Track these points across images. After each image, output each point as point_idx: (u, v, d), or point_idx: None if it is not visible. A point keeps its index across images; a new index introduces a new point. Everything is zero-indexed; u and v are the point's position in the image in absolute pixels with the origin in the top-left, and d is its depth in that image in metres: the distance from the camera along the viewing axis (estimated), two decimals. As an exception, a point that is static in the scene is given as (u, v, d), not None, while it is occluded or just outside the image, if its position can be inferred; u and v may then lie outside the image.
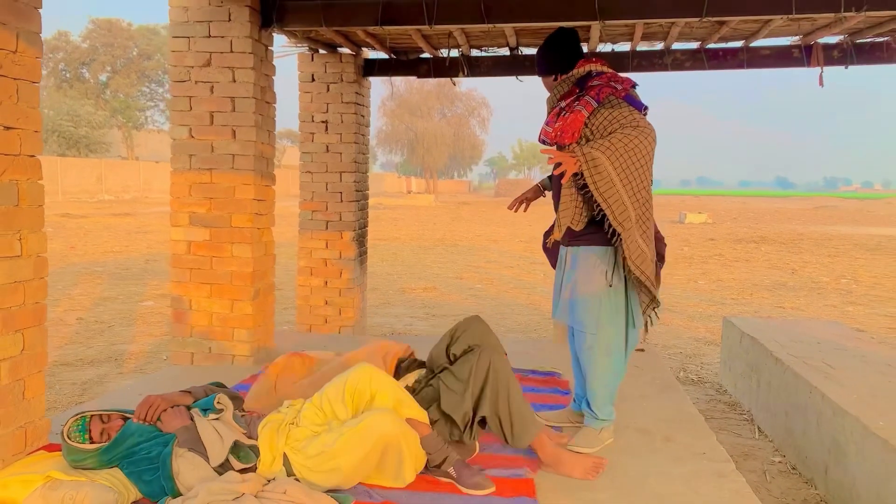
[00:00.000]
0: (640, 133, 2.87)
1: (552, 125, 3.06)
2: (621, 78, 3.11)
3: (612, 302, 3.03)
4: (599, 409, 3.08)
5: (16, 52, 2.44)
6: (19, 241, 2.48)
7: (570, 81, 3.15)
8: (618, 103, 2.97)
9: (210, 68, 4.22)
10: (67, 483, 2.35)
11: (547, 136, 3.09)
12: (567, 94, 3.12)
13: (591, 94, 2.99)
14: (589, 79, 3.10)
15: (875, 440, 3.29)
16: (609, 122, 2.94)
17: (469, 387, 2.70)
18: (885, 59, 5.56)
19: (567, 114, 3.01)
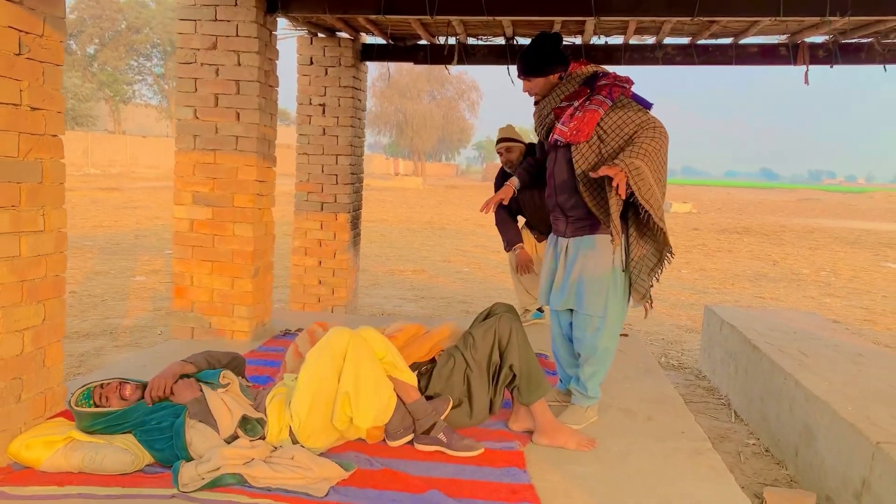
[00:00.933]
0: (661, 135, 3.04)
1: (567, 125, 3.13)
2: (623, 77, 3.23)
3: (618, 286, 3.20)
4: (592, 388, 3.26)
5: (42, 36, 2.56)
6: (42, 216, 2.62)
7: (576, 82, 3.23)
8: (628, 103, 3.12)
9: (216, 51, 4.33)
10: (87, 444, 2.51)
11: (562, 135, 3.15)
12: (575, 94, 3.20)
13: (604, 94, 3.11)
14: (596, 79, 3.20)
15: (843, 424, 3.50)
16: (623, 121, 3.07)
17: (496, 337, 2.94)
18: (868, 60, 5.74)
19: (580, 113, 3.10)
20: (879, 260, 14.88)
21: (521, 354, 2.94)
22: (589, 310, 3.19)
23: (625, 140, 3.09)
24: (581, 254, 3.22)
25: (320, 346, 2.69)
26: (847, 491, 3.38)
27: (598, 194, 3.12)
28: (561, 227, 3.33)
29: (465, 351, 2.96)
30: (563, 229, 3.31)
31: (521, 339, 2.97)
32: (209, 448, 2.52)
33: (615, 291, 3.21)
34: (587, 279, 3.19)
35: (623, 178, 2.86)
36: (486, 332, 2.96)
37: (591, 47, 5.96)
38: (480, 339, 2.96)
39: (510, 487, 2.53)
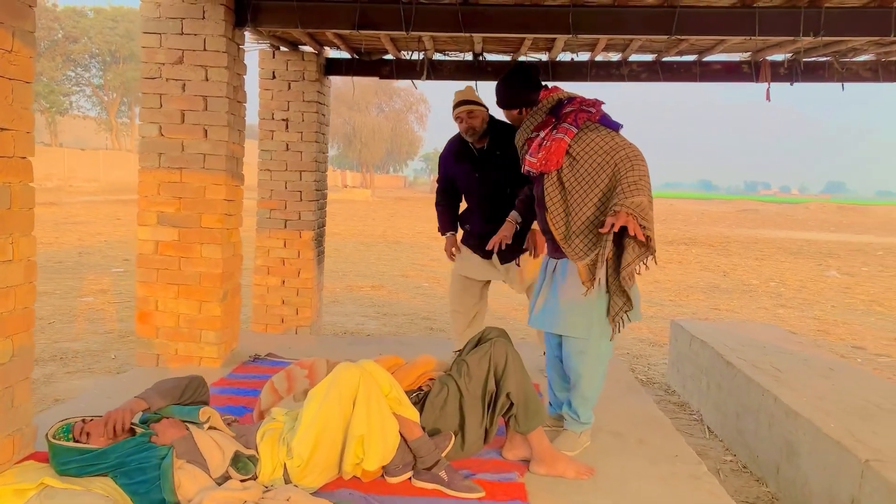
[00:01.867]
0: (640, 160, 3.05)
1: (535, 156, 3.16)
2: (590, 101, 3.24)
3: (602, 307, 3.16)
4: (584, 412, 3.21)
5: (11, 52, 2.38)
6: (11, 244, 2.43)
7: (542, 112, 3.27)
8: (595, 127, 3.14)
9: (182, 66, 4.15)
10: (63, 492, 2.32)
11: (532, 166, 3.20)
12: (542, 124, 3.24)
13: (569, 121, 3.13)
14: (561, 106, 3.22)
15: (827, 441, 3.51)
16: (591, 146, 3.09)
17: (491, 364, 2.85)
18: (827, 78, 5.88)
19: (548, 143, 3.12)
20: (823, 269, 15.32)
21: (517, 381, 2.86)
22: (572, 332, 3.16)
23: (595, 165, 3.09)
24: (567, 275, 3.19)
25: (328, 384, 2.56)
26: (834, 509, 3.39)
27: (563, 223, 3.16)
28: (551, 249, 3.34)
29: (459, 379, 2.86)
30: (553, 250, 3.31)
31: (518, 365, 2.89)
32: (199, 490, 2.36)
33: (599, 313, 3.16)
34: (570, 301, 3.17)
35: (632, 221, 2.85)
36: (480, 359, 2.87)
37: (558, 64, 5.96)
38: (475, 366, 2.86)
39: (515, 523, 2.44)
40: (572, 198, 3.13)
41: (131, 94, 48.28)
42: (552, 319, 3.23)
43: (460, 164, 4.48)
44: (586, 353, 3.18)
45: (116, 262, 11.95)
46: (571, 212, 3.13)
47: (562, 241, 3.14)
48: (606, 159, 3.07)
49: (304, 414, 2.55)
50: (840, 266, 16.11)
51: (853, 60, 5.78)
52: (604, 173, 3.07)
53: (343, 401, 2.53)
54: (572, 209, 3.13)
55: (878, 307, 10.62)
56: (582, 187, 3.12)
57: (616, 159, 3.04)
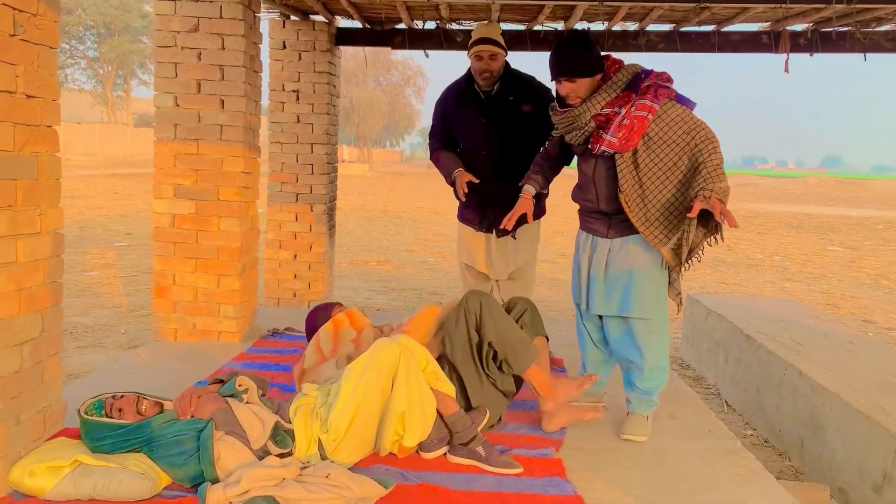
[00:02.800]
0: (717, 144, 2.91)
1: (616, 135, 2.92)
2: (665, 75, 3.02)
3: (664, 284, 3.09)
4: (653, 392, 3.12)
5: (36, 15, 2.28)
6: (39, 216, 2.35)
7: (619, 86, 2.98)
8: (672, 104, 2.95)
9: (198, 34, 4.04)
10: (98, 469, 2.27)
11: (612, 146, 2.94)
12: (617, 100, 2.96)
13: (650, 97, 2.91)
14: (639, 80, 2.98)
15: (857, 416, 3.48)
16: (670, 125, 2.91)
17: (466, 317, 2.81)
18: (848, 49, 5.77)
19: (628, 121, 2.90)
20: (825, 243, 15.30)
21: (497, 327, 2.81)
22: (642, 312, 3.03)
23: (675, 146, 2.93)
24: (630, 253, 3.05)
25: (366, 360, 2.50)
26: (864, 483, 3.37)
27: (640, 206, 2.98)
28: (601, 228, 3.14)
29: (446, 347, 2.82)
30: (605, 230, 3.12)
31: (494, 311, 2.84)
32: (239, 463, 2.31)
33: (664, 292, 3.09)
34: (638, 281, 3.03)
35: (727, 210, 2.74)
36: (458, 317, 2.82)
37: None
38: (454, 327, 2.82)
39: (557, 500, 2.40)
40: (649, 180, 2.95)
41: (127, 66, 47.78)
42: (623, 302, 3.07)
43: (464, 109, 4.03)
44: (654, 332, 3.07)
45: (119, 237, 11.87)
46: (648, 194, 2.96)
47: (641, 225, 2.97)
48: (686, 139, 2.92)
49: (343, 388, 2.49)
50: (842, 240, 16.10)
51: (875, 30, 5.67)
52: (684, 154, 2.93)
53: (382, 377, 2.48)
54: (649, 191, 2.96)
55: (885, 281, 10.61)
56: (660, 168, 2.95)
57: (696, 140, 2.91)
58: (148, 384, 3.25)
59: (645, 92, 2.93)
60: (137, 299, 7.35)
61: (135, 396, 2.46)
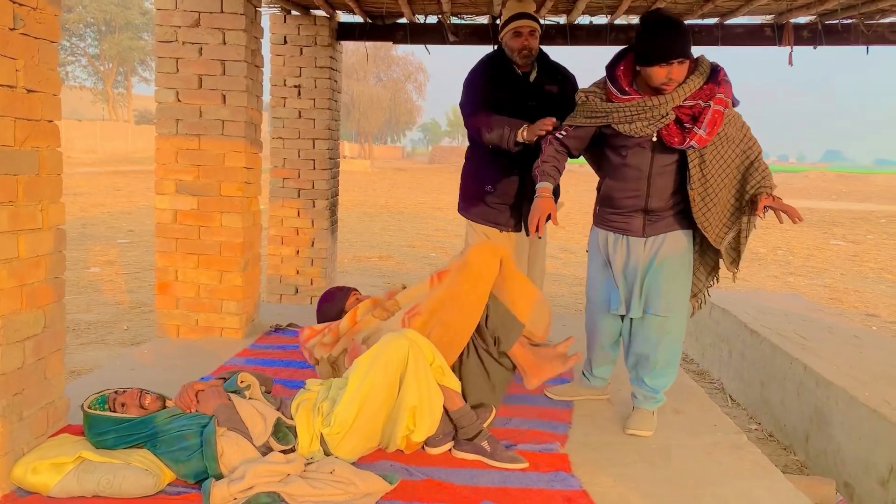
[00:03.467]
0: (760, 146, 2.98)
1: (706, 129, 2.82)
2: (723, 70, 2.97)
3: (689, 285, 3.09)
4: (662, 389, 3.11)
5: (36, 9, 2.26)
6: (41, 212, 2.33)
7: (702, 76, 2.85)
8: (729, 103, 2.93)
9: (199, 29, 4.02)
10: (102, 466, 2.26)
11: (700, 141, 2.84)
12: (701, 92, 2.85)
13: (723, 91, 2.84)
14: (716, 73, 2.88)
15: (863, 410, 3.47)
16: (730, 122, 2.89)
17: None
18: (852, 41, 5.74)
19: (710, 115, 2.82)
20: (828, 238, 15.27)
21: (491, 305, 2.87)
22: (669, 310, 3.00)
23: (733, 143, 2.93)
24: (664, 251, 3.01)
25: (375, 353, 2.49)
26: (870, 477, 3.35)
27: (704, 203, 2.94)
28: (636, 226, 3.04)
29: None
30: (641, 229, 3.03)
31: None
32: (242, 459, 2.30)
33: (688, 290, 3.10)
34: (668, 279, 3.00)
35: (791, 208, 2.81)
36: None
37: (577, 27, 5.81)
38: None
39: (563, 495, 2.38)
40: (713, 176, 2.92)
41: (127, 63, 47.75)
42: (651, 300, 3.03)
43: (505, 91, 3.66)
44: (673, 332, 3.04)
45: (121, 234, 11.87)
46: (710, 191, 2.92)
47: (703, 221, 2.94)
48: (740, 137, 2.94)
49: (350, 381, 2.48)
50: (845, 234, 16.07)
51: (879, 22, 5.64)
52: (739, 151, 2.94)
53: (389, 372, 2.46)
54: (711, 188, 2.92)
55: (888, 275, 10.59)
56: (722, 166, 2.92)
57: (746, 138, 2.95)
58: (151, 381, 3.23)
59: (721, 85, 2.85)
60: (139, 296, 7.34)
61: (138, 391, 2.45)
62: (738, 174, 2.96)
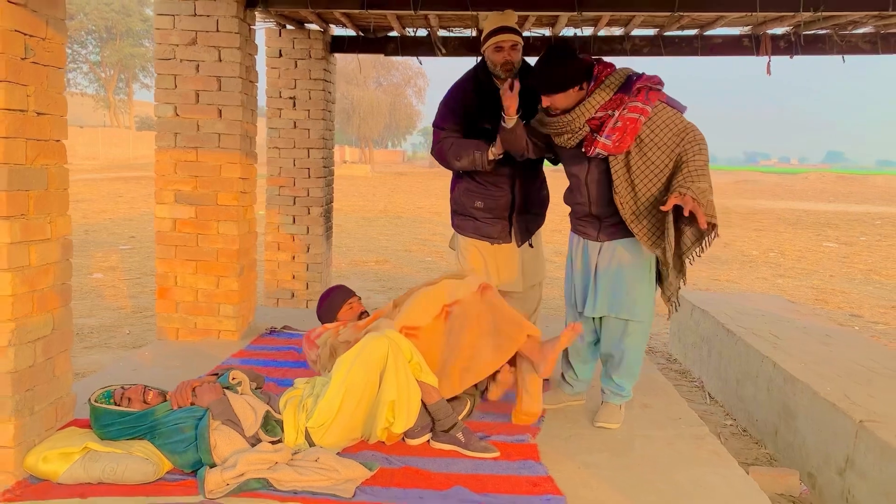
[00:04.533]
0: (704, 146, 3.03)
1: (610, 137, 3.00)
2: (655, 77, 3.11)
3: (652, 286, 3.25)
4: (629, 387, 3.30)
5: (45, 39, 2.48)
6: (49, 224, 2.55)
7: (611, 89, 3.04)
8: (663, 107, 3.05)
9: (196, 47, 4.24)
10: (106, 455, 2.47)
11: (606, 149, 3.03)
12: (610, 103, 3.03)
13: (640, 99, 2.99)
14: (630, 83, 3.04)
15: (823, 404, 3.67)
16: (661, 127, 3.01)
17: None
18: (827, 51, 5.95)
19: (621, 123, 2.98)
20: (821, 240, 15.45)
21: None
22: (626, 313, 3.17)
23: (665, 147, 3.03)
24: (618, 256, 3.18)
25: (356, 352, 2.71)
26: (830, 468, 3.55)
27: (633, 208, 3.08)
28: (592, 232, 3.26)
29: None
30: (595, 233, 3.25)
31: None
32: (233, 451, 2.52)
33: (650, 292, 3.24)
34: (625, 283, 3.17)
35: (696, 206, 2.85)
36: None
37: (561, 39, 6.03)
38: None
39: (530, 480, 2.60)
40: (640, 182, 3.05)
41: (129, 70, 48.09)
42: (612, 303, 3.20)
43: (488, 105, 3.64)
44: (637, 333, 3.23)
45: (123, 240, 12.09)
46: (639, 196, 3.06)
47: (634, 227, 3.08)
48: (676, 141, 3.02)
49: (333, 377, 2.71)
50: (838, 236, 16.25)
51: (853, 33, 5.85)
52: (673, 155, 3.03)
53: (370, 369, 2.68)
54: (640, 193, 3.06)
55: (876, 276, 10.77)
56: (651, 171, 3.04)
57: (685, 142, 3.01)
58: (152, 380, 3.44)
59: (636, 94, 3.00)
60: (141, 301, 7.55)
61: (142, 387, 2.67)
62: (669, 179, 3.04)
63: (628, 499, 2.51)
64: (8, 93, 2.30)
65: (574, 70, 3.01)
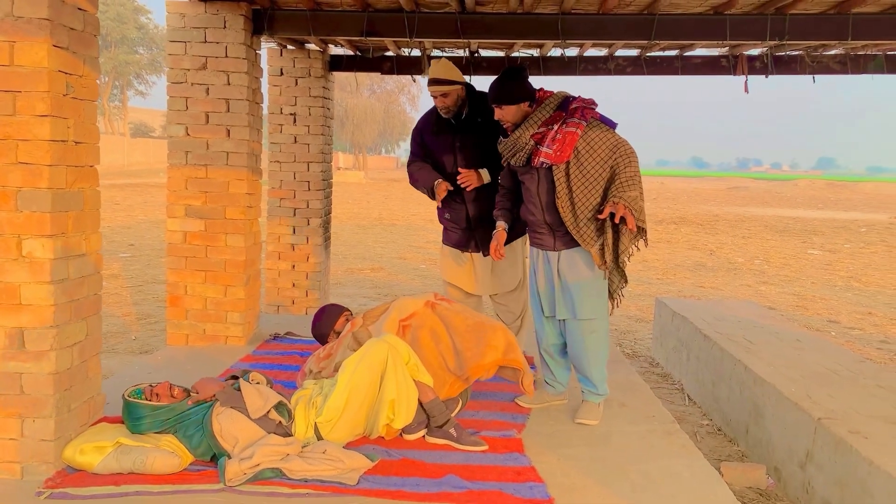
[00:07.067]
0: (634, 157, 3.45)
1: (551, 147, 3.42)
2: (589, 100, 3.58)
3: (605, 288, 3.60)
4: (601, 384, 3.60)
5: (82, 77, 2.79)
6: (84, 240, 2.85)
7: (551, 107, 3.51)
8: (597, 124, 3.49)
9: (206, 71, 4.55)
10: (136, 448, 2.77)
11: (548, 157, 3.43)
12: (551, 119, 3.48)
13: (577, 116, 3.44)
14: (568, 102, 3.52)
15: (787, 403, 3.98)
16: (596, 142, 3.42)
17: None
18: (800, 71, 6.31)
19: (560, 135, 3.41)
20: (806, 247, 15.82)
21: None
22: (586, 314, 3.52)
23: (599, 160, 3.43)
24: (573, 263, 3.54)
25: (360, 356, 3.03)
26: (793, 462, 3.87)
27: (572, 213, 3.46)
28: (548, 242, 3.62)
29: None
30: (552, 243, 3.60)
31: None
32: (240, 429, 2.82)
33: (604, 294, 3.60)
34: (583, 287, 3.52)
35: (629, 214, 3.28)
36: None
37: (549, 59, 6.36)
38: None
39: (515, 470, 2.90)
40: (578, 189, 3.43)
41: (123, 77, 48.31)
42: (572, 307, 3.55)
43: (439, 137, 4.34)
44: (597, 331, 3.57)
45: (122, 248, 12.34)
46: (577, 202, 3.44)
47: (572, 228, 3.46)
48: (609, 154, 3.43)
49: (339, 378, 3.02)
50: (823, 243, 16.62)
51: (824, 54, 6.20)
52: (606, 167, 3.43)
53: (372, 371, 3.00)
54: (577, 199, 3.43)
55: (856, 283, 11.12)
56: (587, 179, 3.43)
57: (616, 155, 3.42)
58: (168, 382, 3.75)
59: (573, 112, 3.47)
60: (144, 308, 7.82)
61: (168, 384, 2.98)
62: (607, 187, 3.45)
63: (601, 485, 2.82)
64: (52, 126, 2.61)
65: (524, 88, 3.54)
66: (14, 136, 2.61)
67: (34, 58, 2.57)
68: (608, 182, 3.46)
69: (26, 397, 2.71)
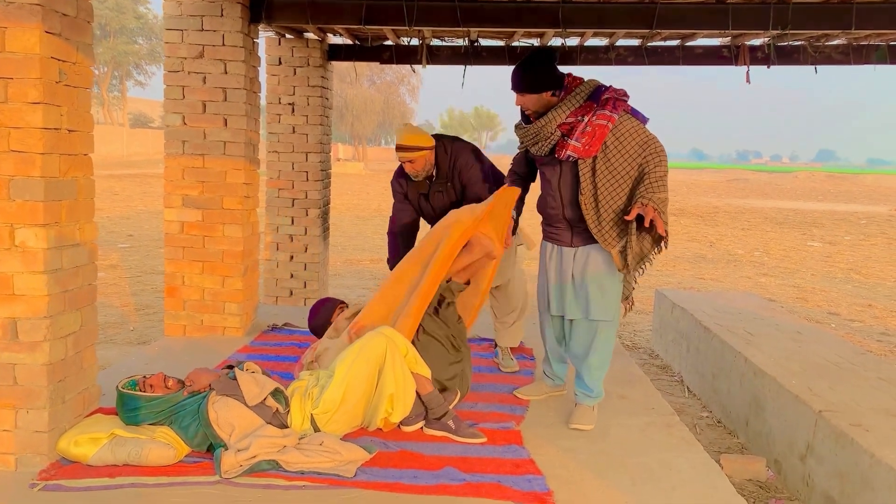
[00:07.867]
0: (664, 157, 3.27)
1: (580, 140, 3.21)
2: (621, 90, 3.37)
3: (619, 289, 3.46)
4: (597, 387, 3.46)
5: (75, 64, 2.74)
6: (78, 230, 2.82)
7: (581, 96, 3.27)
8: (629, 118, 3.27)
9: (203, 60, 4.51)
10: (131, 440, 2.74)
11: (576, 151, 3.23)
12: (580, 109, 3.24)
13: (609, 108, 3.22)
14: (599, 92, 3.28)
15: (788, 396, 3.96)
16: (626, 137, 3.23)
17: None
18: (802, 61, 6.25)
19: (590, 128, 3.20)
20: (806, 239, 15.79)
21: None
22: (600, 315, 3.38)
23: (628, 156, 3.24)
24: (591, 261, 3.39)
25: (358, 348, 2.99)
26: (793, 454, 3.85)
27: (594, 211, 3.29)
28: (566, 237, 3.46)
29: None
30: (570, 239, 3.44)
31: None
32: (236, 416, 2.80)
33: (618, 295, 3.47)
34: (599, 286, 3.37)
35: (658, 218, 3.09)
36: None
37: (551, 49, 6.30)
38: None
39: (513, 462, 2.88)
40: (603, 186, 3.24)
41: (122, 67, 48.18)
42: (585, 306, 3.40)
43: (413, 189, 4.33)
44: (604, 333, 3.44)
45: (121, 238, 12.30)
46: (601, 200, 3.25)
47: (594, 227, 3.28)
48: (639, 151, 3.23)
49: (337, 370, 2.99)
50: (823, 235, 16.58)
51: (826, 44, 6.15)
52: (635, 164, 3.23)
53: (370, 364, 2.97)
54: (602, 197, 3.25)
55: (856, 275, 11.09)
56: (614, 177, 3.24)
57: (647, 153, 3.23)
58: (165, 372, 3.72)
59: (605, 104, 3.24)
60: (143, 299, 7.79)
61: (162, 375, 2.96)
62: (633, 186, 3.26)
63: (600, 477, 2.80)
64: (45, 114, 2.57)
65: (548, 77, 3.30)
66: (6, 123, 2.58)
67: (26, 44, 2.53)
68: (635, 181, 3.27)
69: (20, 388, 2.68)
